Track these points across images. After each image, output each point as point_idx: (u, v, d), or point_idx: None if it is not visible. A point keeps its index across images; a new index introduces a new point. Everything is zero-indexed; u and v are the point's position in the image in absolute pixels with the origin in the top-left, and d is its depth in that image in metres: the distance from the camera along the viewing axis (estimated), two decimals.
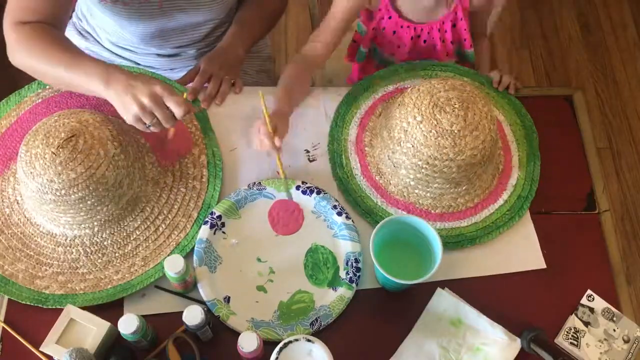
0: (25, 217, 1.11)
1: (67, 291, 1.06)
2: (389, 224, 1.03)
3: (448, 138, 1.05)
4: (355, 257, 1.09)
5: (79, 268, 1.08)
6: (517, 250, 1.13)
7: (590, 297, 1.10)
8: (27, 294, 1.06)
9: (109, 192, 1.04)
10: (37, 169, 1.00)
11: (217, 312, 1.04)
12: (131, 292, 1.06)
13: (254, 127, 1.11)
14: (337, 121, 1.23)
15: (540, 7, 2.52)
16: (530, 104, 1.29)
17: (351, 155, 1.20)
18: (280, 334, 1.04)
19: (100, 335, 1.00)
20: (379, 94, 1.26)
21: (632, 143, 2.25)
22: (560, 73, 2.38)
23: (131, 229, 1.10)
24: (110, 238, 1.09)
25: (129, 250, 1.09)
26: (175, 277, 1.01)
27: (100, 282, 1.07)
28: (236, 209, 1.14)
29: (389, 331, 1.06)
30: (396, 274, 0.98)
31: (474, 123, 1.05)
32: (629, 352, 1.07)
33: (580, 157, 1.24)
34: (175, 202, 1.13)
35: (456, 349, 1.04)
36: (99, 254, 1.08)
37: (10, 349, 1.03)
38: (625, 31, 2.48)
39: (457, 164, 1.06)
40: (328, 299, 1.07)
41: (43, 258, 1.09)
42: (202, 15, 1.30)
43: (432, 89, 1.08)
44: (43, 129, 1.03)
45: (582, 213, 1.18)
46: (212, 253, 1.10)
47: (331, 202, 1.13)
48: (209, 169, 1.17)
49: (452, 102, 1.06)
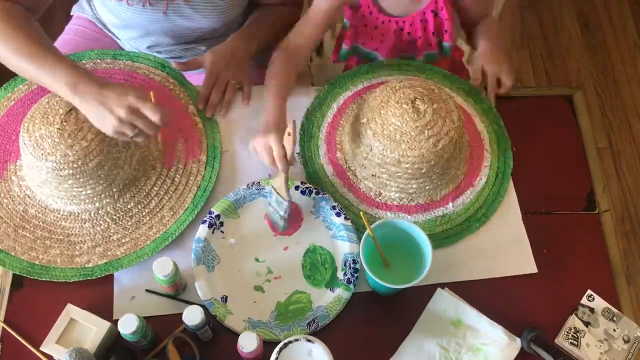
0: (41, 206, 1.12)
1: (109, 259, 1.09)
2: (381, 227, 1.02)
3: (417, 133, 1.06)
4: (353, 258, 1.09)
5: (112, 235, 1.10)
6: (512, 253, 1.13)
7: (590, 297, 1.10)
8: (72, 273, 1.08)
9: (120, 153, 1.07)
10: (47, 149, 1.01)
11: (214, 312, 1.04)
12: (171, 240, 1.10)
13: (258, 142, 1.08)
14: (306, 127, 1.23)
15: (540, 7, 2.52)
16: (530, 104, 1.30)
17: (323, 158, 1.20)
18: (277, 334, 1.04)
19: (100, 335, 1.00)
20: (348, 95, 1.26)
21: (632, 143, 2.25)
22: (560, 73, 2.38)
23: (149, 186, 1.13)
24: (132, 201, 1.12)
25: (154, 206, 1.13)
26: (164, 280, 1.01)
27: (138, 241, 1.10)
28: (235, 209, 1.14)
29: (389, 331, 1.06)
30: (388, 278, 0.98)
31: (441, 115, 1.06)
32: (629, 352, 1.07)
33: (581, 157, 1.24)
34: (182, 153, 1.17)
35: (456, 349, 1.04)
36: (127, 218, 1.11)
37: (10, 349, 1.03)
38: (625, 31, 2.48)
39: (436, 154, 1.07)
40: (325, 299, 1.07)
41: (74, 238, 1.10)
42: (206, 22, 1.28)
43: (393, 91, 1.09)
44: (38, 112, 1.04)
45: (582, 213, 1.18)
46: (210, 252, 1.10)
47: (330, 202, 1.13)
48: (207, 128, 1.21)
49: (412, 101, 1.07)
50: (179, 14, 1.24)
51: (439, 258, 1.07)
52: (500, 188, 1.18)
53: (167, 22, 1.26)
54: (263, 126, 1.09)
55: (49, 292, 1.08)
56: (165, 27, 1.27)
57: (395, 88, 1.10)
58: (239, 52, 1.26)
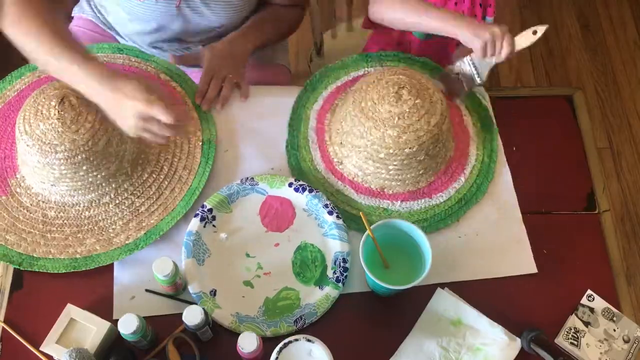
0: (59, 206, 1.12)
1: (146, 229, 1.11)
2: (381, 228, 1.02)
3: (406, 120, 1.07)
4: (343, 257, 1.09)
5: (140, 208, 1.13)
6: (512, 253, 1.13)
7: (590, 297, 1.10)
8: (116, 253, 1.09)
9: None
10: (54, 141, 1.02)
11: (202, 305, 1.04)
12: (198, 193, 1.14)
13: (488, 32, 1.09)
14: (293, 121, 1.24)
15: (540, 7, 2.52)
16: (530, 104, 1.30)
17: (313, 151, 1.20)
18: (263, 329, 1.04)
19: (100, 335, 1.00)
20: (330, 89, 1.27)
21: (632, 143, 2.25)
22: (560, 73, 2.38)
23: (156, 155, 1.16)
24: (145, 172, 1.14)
25: (168, 170, 1.15)
26: (164, 280, 1.01)
27: (167, 204, 1.13)
28: (228, 203, 1.14)
29: (389, 331, 1.06)
30: (387, 279, 0.98)
31: (427, 102, 1.07)
32: (629, 352, 1.07)
33: (581, 157, 1.24)
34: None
35: (456, 349, 1.04)
36: (147, 188, 1.13)
37: (10, 349, 1.03)
38: (625, 31, 2.48)
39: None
40: (314, 297, 1.07)
41: (102, 223, 1.12)
42: (217, 19, 1.28)
43: (391, 73, 1.10)
44: (29, 112, 1.04)
45: (582, 213, 1.18)
46: (201, 246, 1.11)
47: (323, 200, 1.13)
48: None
49: (400, 87, 1.08)
50: (191, 9, 1.25)
51: (439, 258, 1.07)
52: (489, 168, 1.19)
53: (179, 19, 1.26)
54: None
55: (49, 292, 1.08)
56: (175, 23, 1.27)
57: (393, 72, 1.11)
58: (237, 50, 1.27)
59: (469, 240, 1.14)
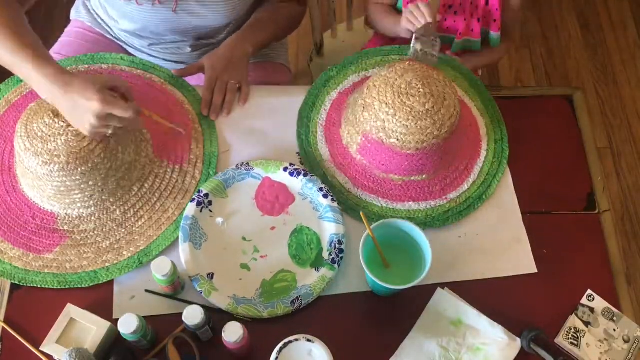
0: (75, 224, 1.11)
1: (159, 231, 1.12)
2: (381, 227, 1.02)
3: (426, 118, 1.05)
4: (338, 238, 1.10)
5: (158, 203, 1.14)
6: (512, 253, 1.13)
7: (590, 297, 1.10)
8: (135, 260, 1.09)
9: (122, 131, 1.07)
10: (58, 148, 1.02)
11: (200, 288, 1.05)
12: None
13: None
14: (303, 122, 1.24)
15: (540, 7, 2.52)
16: (530, 104, 1.30)
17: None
18: (261, 310, 1.05)
19: (100, 335, 1.00)
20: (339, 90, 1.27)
21: (632, 143, 2.25)
22: (560, 73, 2.38)
23: (163, 167, 1.16)
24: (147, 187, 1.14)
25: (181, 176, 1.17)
26: (163, 280, 1.01)
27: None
28: (224, 188, 1.15)
29: (389, 331, 1.06)
30: (387, 279, 0.98)
31: (441, 94, 1.07)
32: (629, 352, 1.07)
33: (581, 157, 1.24)
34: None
35: (456, 349, 1.04)
36: (157, 194, 1.14)
37: (10, 349, 1.03)
38: (625, 31, 2.48)
39: (443, 137, 1.07)
40: (311, 279, 1.08)
41: (116, 230, 1.12)
42: (215, 19, 1.28)
43: (388, 79, 1.09)
44: (24, 133, 1.03)
45: (582, 213, 1.18)
46: (197, 230, 1.11)
47: (318, 184, 1.14)
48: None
49: (413, 84, 1.07)
50: (188, 12, 1.24)
51: (439, 258, 1.07)
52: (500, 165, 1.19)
53: (177, 21, 1.26)
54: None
55: (49, 292, 1.07)
56: (174, 25, 1.27)
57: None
58: (236, 54, 1.26)
59: (469, 240, 1.14)
